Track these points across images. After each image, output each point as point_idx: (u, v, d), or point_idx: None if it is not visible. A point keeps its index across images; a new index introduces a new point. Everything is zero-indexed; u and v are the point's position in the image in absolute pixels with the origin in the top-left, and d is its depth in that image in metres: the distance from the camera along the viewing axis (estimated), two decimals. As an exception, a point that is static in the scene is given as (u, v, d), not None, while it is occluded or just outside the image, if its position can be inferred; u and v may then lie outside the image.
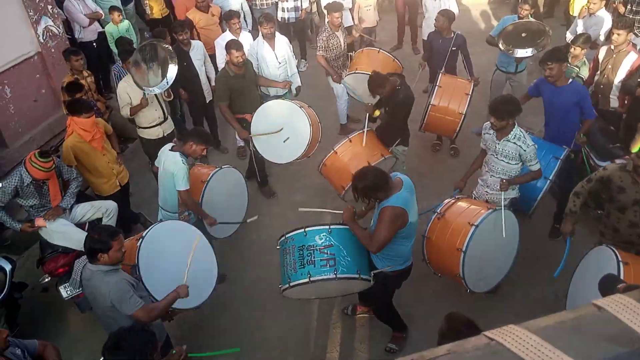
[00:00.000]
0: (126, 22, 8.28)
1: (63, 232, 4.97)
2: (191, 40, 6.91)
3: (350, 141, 5.73)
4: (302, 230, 4.13)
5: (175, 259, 4.22)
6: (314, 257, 4.05)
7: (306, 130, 5.73)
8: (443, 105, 6.26)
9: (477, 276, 4.48)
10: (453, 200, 4.72)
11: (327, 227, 4.12)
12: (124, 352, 2.77)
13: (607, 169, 4.26)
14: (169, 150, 4.80)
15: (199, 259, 4.37)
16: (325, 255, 4.03)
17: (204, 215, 4.94)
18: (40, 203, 4.94)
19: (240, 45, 5.98)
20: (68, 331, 5.18)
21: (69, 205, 5.12)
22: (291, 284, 4.09)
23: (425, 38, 8.08)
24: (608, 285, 3.38)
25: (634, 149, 5.16)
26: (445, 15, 6.67)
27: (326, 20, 7.12)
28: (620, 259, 3.83)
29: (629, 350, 0.90)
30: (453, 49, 6.63)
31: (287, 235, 4.25)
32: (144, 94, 5.85)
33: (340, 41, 7.01)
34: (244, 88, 6.11)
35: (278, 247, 4.36)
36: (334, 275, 3.98)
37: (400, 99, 5.57)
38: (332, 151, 5.74)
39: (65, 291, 4.82)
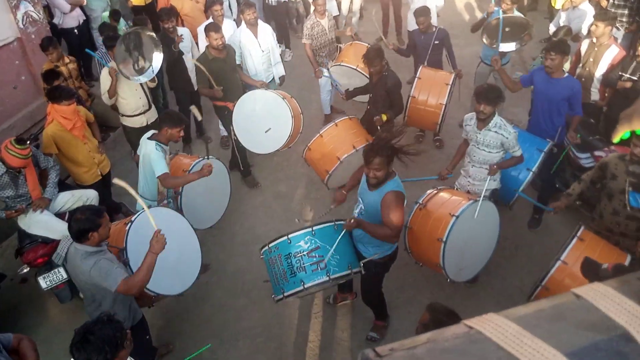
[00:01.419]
0: (122, 21, 8.12)
1: (42, 222, 4.89)
2: (177, 28, 6.83)
3: (336, 125, 5.74)
4: (285, 238, 4.06)
5: None
6: (303, 263, 3.99)
7: (288, 122, 5.71)
8: (423, 97, 6.26)
9: (458, 266, 4.52)
10: (435, 191, 4.75)
11: (310, 229, 4.06)
12: (92, 346, 2.70)
13: (608, 156, 4.43)
14: (148, 138, 4.77)
15: (183, 245, 4.37)
16: (314, 259, 3.99)
17: (195, 177, 4.73)
18: (16, 194, 4.82)
19: (219, 28, 5.93)
20: (47, 322, 5.12)
21: (53, 195, 5.04)
22: (285, 294, 4.06)
23: (410, 29, 8.09)
24: (590, 270, 3.46)
25: (615, 140, 5.24)
26: (424, 14, 6.61)
27: (312, 8, 7.09)
28: (579, 234, 4.06)
29: (607, 338, 0.92)
30: (435, 42, 6.61)
31: (270, 245, 4.15)
32: (118, 69, 5.74)
33: (324, 28, 6.98)
34: (224, 72, 6.05)
35: (262, 256, 4.28)
36: (328, 278, 3.98)
37: (390, 86, 5.62)
38: (318, 135, 5.75)
39: (44, 282, 4.75)
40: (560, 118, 5.25)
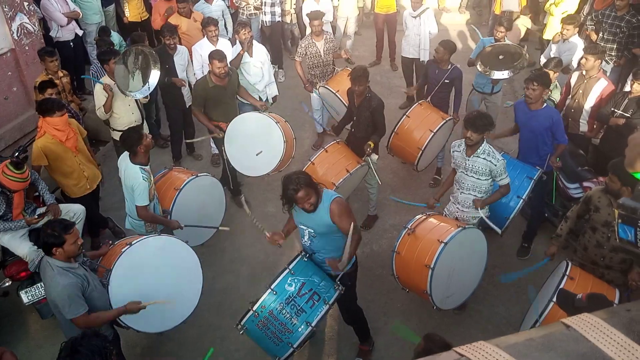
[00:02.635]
0: (116, 36, 8.16)
1: (5, 241, 4.86)
2: (177, 45, 6.88)
3: (327, 151, 5.74)
4: (269, 291, 3.94)
5: (154, 277, 4.14)
6: (299, 306, 3.93)
7: (280, 146, 5.68)
8: (405, 136, 6.18)
9: (445, 294, 4.50)
10: (424, 217, 4.75)
11: (287, 270, 4.03)
12: (82, 356, 2.68)
13: (592, 190, 4.48)
14: (130, 161, 4.67)
15: (180, 284, 4.33)
16: (307, 296, 3.97)
17: (165, 223, 4.84)
18: (4, 213, 4.76)
19: (223, 56, 5.84)
20: (28, 337, 5.03)
21: (54, 199, 5.08)
22: (294, 345, 3.93)
23: (403, 54, 8.19)
24: (565, 301, 3.47)
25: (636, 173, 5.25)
26: (446, 48, 6.38)
27: (307, 30, 7.15)
28: (567, 272, 4.01)
29: (596, 369, 0.91)
30: (446, 81, 6.41)
31: (254, 309, 3.94)
32: (117, 88, 5.78)
33: (319, 50, 7.04)
34: (222, 99, 6.04)
35: (242, 330, 4.04)
36: (328, 306, 4.00)
37: (374, 106, 5.65)
38: (309, 162, 5.71)
39: (26, 296, 4.67)
40: (546, 147, 5.30)
